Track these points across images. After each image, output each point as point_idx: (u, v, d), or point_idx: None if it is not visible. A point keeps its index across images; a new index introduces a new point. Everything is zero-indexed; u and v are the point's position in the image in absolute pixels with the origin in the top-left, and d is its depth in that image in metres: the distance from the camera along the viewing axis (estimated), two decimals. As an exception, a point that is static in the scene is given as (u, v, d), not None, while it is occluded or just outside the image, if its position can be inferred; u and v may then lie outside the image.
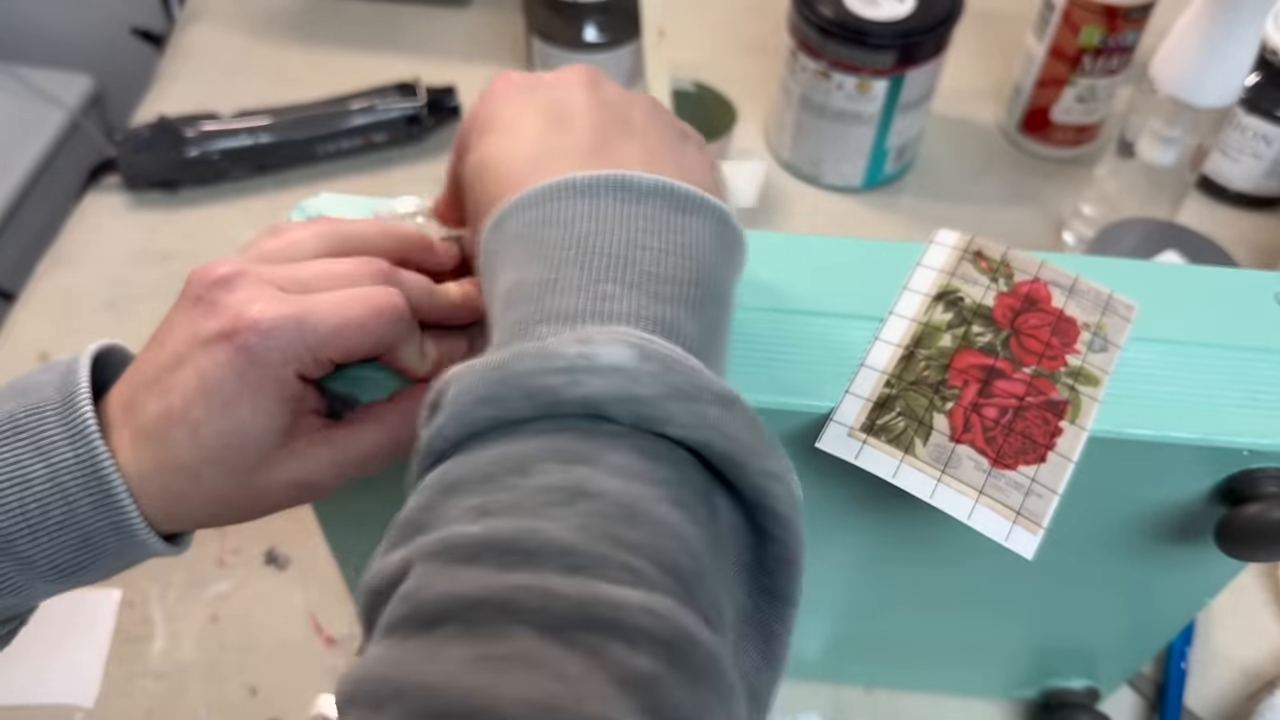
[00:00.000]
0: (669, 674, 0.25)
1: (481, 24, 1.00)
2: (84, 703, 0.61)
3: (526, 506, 0.27)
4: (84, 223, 0.85)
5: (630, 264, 0.32)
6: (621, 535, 0.27)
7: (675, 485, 0.29)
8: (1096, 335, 0.41)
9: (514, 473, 0.28)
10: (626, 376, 0.29)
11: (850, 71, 0.78)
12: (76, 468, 0.35)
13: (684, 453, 0.30)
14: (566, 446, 0.29)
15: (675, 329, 0.32)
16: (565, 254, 0.32)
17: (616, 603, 0.25)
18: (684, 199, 0.34)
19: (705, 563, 0.28)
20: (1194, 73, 0.67)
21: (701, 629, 0.26)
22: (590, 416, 0.29)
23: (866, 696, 0.63)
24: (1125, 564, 0.47)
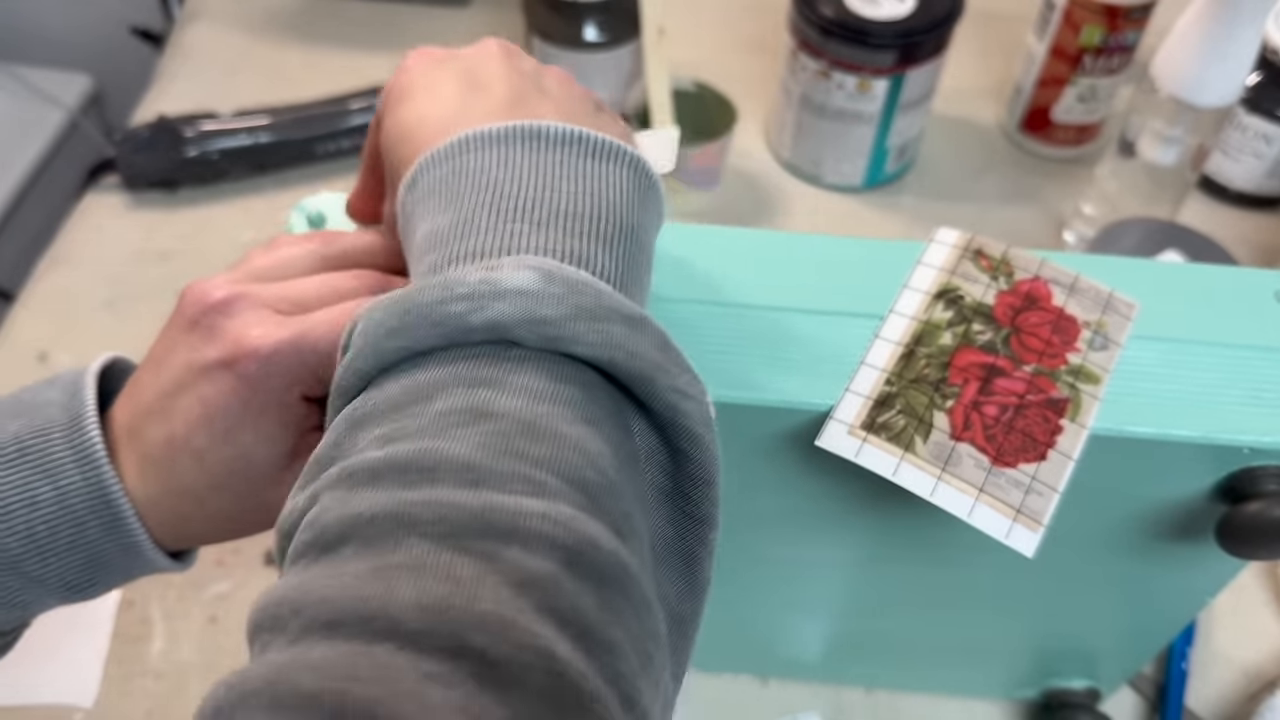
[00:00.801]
0: (568, 576, 0.25)
1: (481, 24, 1.00)
2: (83, 703, 0.61)
3: (429, 430, 0.27)
4: (83, 222, 0.85)
5: (541, 204, 0.32)
6: (524, 450, 0.27)
7: (582, 404, 0.29)
8: (1097, 333, 0.41)
9: (419, 400, 0.28)
10: (531, 298, 0.29)
11: (851, 71, 0.78)
12: (85, 491, 0.35)
13: (593, 373, 0.30)
14: (472, 372, 0.29)
15: (587, 260, 0.31)
16: (477, 199, 0.32)
17: (514, 510, 0.25)
18: (598, 146, 0.34)
19: (613, 477, 0.28)
20: (1195, 72, 0.67)
21: (608, 537, 0.26)
22: (499, 342, 0.29)
23: (867, 697, 0.63)
24: (1126, 562, 0.47)
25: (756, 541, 0.49)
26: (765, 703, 0.63)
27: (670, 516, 0.31)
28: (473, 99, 0.35)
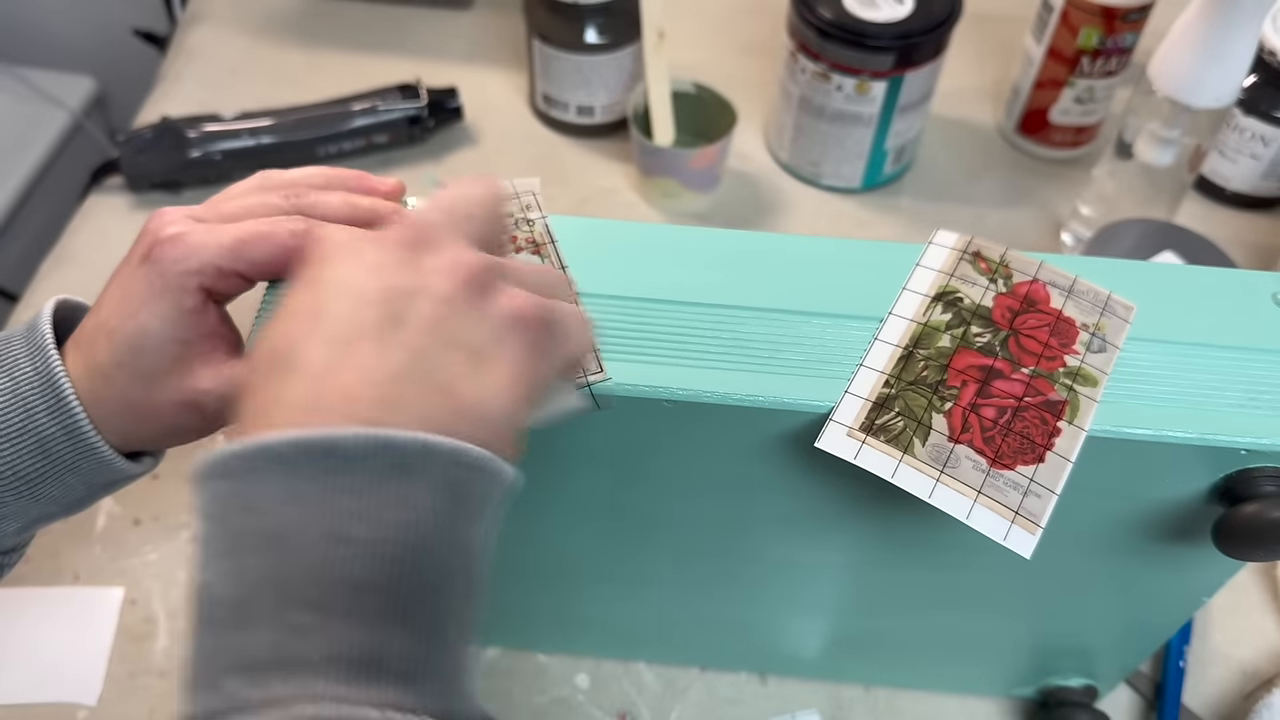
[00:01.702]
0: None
1: (483, 26, 1.00)
2: (87, 701, 0.62)
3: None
4: (86, 223, 0.85)
5: (329, 574, 0.29)
6: None
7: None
8: (1095, 336, 0.42)
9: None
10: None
11: (849, 73, 0.78)
12: (35, 379, 0.39)
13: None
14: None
15: (380, 657, 0.29)
16: (257, 562, 0.29)
17: None
18: (400, 455, 0.30)
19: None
20: (1192, 74, 0.68)
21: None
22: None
23: (866, 695, 0.64)
24: (1123, 563, 0.48)
25: (756, 542, 0.50)
26: (764, 700, 0.63)
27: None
28: (345, 351, 0.31)
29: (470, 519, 0.32)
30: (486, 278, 0.34)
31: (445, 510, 0.30)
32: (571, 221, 0.45)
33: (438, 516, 0.30)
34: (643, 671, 0.64)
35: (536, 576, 0.56)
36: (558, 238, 0.44)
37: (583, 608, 0.59)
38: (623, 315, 0.42)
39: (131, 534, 0.68)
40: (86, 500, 0.42)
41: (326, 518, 0.29)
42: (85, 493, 0.42)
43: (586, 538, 0.51)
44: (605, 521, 0.50)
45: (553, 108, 0.89)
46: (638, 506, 0.48)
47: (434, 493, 0.30)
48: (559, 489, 0.47)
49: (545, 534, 0.51)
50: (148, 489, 0.70)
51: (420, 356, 0.31)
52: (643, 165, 0.84)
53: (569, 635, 0.63)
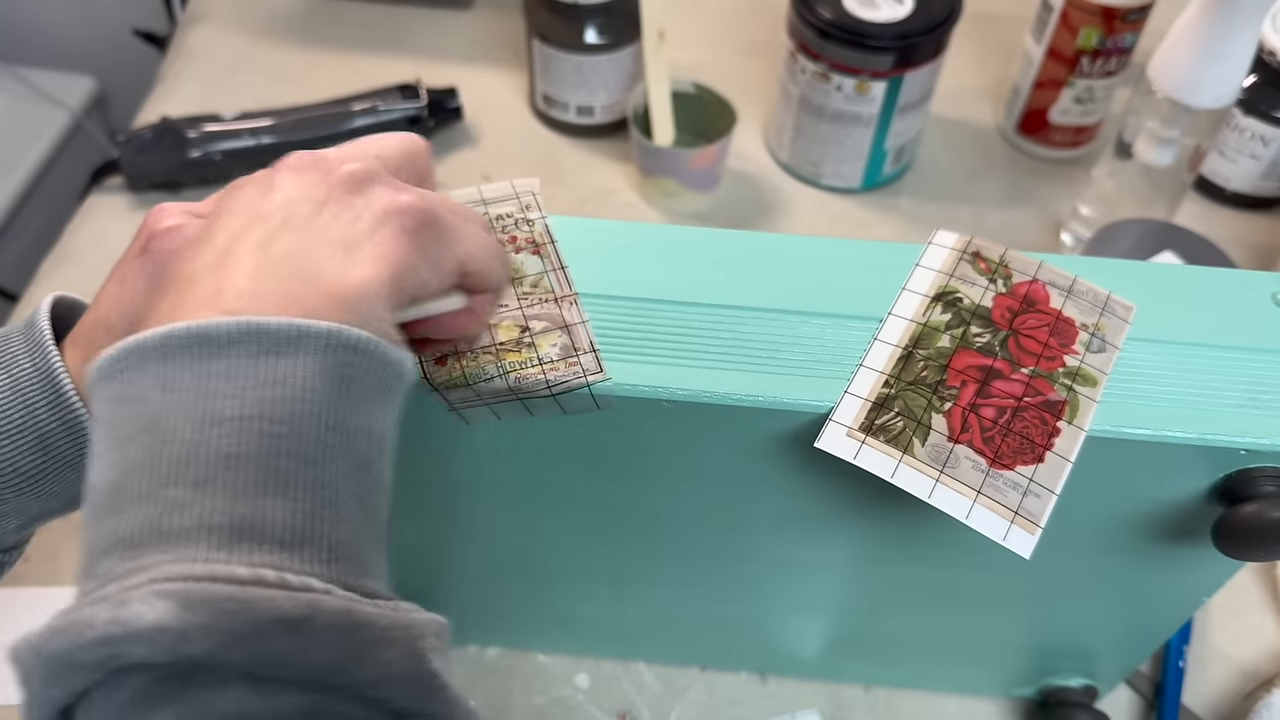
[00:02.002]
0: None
1: (483, 26, 1.00)
2: (87, 701, 0.62)
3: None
4: (86, 224, 0.85)
5: (202, 451, 0.29)
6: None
7: (293, 709, 0.27)
8: (1095, 336, 0.42)
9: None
10: (171, 635, 0.26)
11: (849, 73, 0.78)
12: (34, 375, 0.39)
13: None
14: (166, 714, 0.27)
15: (257, 525, 0.29)
16: (135, 449, 0.29)
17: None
18: (275, 338, 0.30)
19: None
20: (1192, 74, 0.68)
21: None
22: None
23: (866, 695, 0.64)
24: (1123, 563, 0.48)
25: (756, 542, 0.50)
26: (764, 700, 0.63)
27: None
28: (223, 257, 0.32)
29: (354, 400, 0.31)
30: (366, 177, 0.34)
31: (323, 389, 0.30)
32: (571, 221, 0.45)
33: (315, 394, 0.30)
34: (643, 671, 0.64)
35: (536, 576, 0.56)
36: (557, 238, 0.44)
37: (582, 607, 0.59)
38: (623, 315, 0.42)
39: (131, 534, 0.68)
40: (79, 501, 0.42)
41: (199, 401, 0.29)
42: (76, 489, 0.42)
43: (586, 538, 0.51)
44: (605, 521, 0.50)
45: (553, 108, 0.89)
46: (638, 506, 0.48)
47: (310, 372, 0.30)
48: (559, 489, 0.48)
49: (545, 534, 0.51)
50: (148, 489, 0.70)
51: (290, 253, 0.32)
52: (643, 165, 0.84)
53: (569, 635, 0.63)
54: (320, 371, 0.30)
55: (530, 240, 0.44)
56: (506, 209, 0.45)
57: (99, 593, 0.27)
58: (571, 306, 0.42)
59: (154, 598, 0.26)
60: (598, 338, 0.41)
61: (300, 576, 0.28)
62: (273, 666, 0.27)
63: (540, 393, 0.40)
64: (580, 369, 0.40)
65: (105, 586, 0.27)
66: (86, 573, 0.29)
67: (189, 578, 0.27)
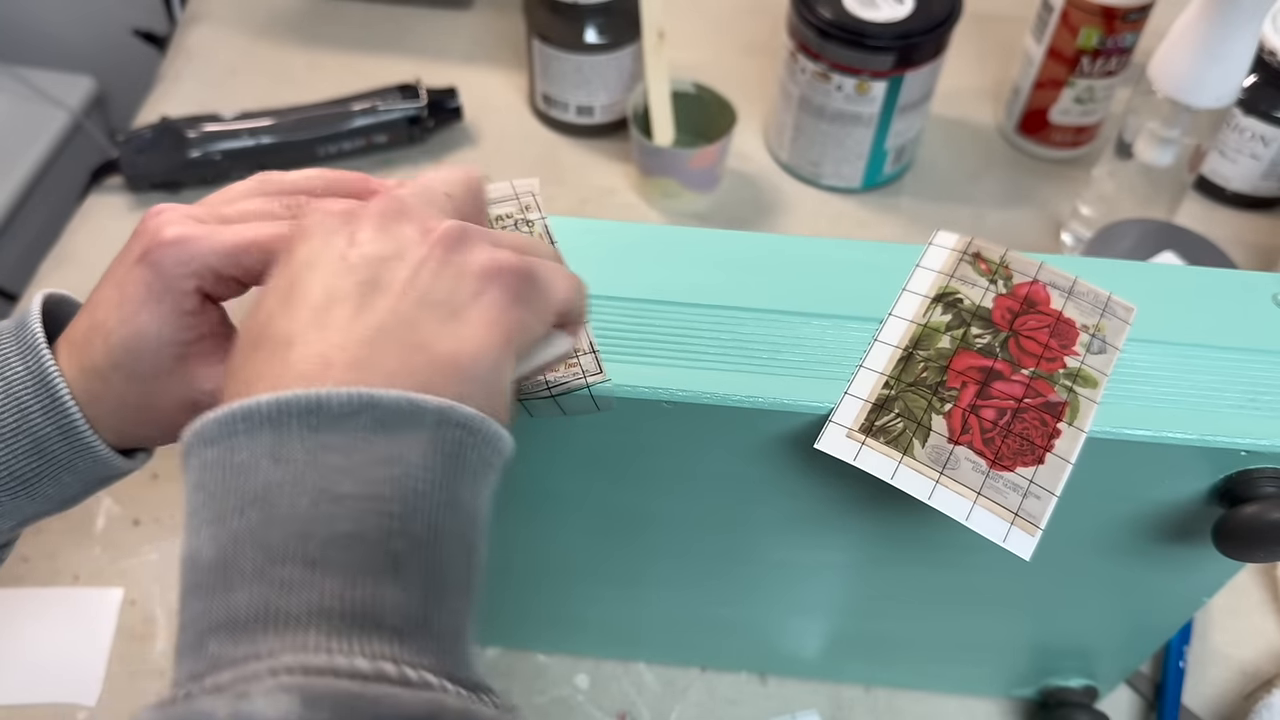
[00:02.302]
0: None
1: (483, 26, 1.00)
2: (86, 701, 0.62)
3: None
4: (86, 223, 0.85)
5: (316, 529, 0.28)
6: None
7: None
8: (1095, 337, 0.42)
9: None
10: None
11: (849, 73, 0.78)
12: (27, 378, 0.39)
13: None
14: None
15: (374, 611, 0.28)
16: (244, 523, 0.28)
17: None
18: (390, 413, 0.29)
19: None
20: (1192, 74, 0.68)
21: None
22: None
23: (866, 695, 0.64)
24: (1123, 564, 0.48)
25: (756, 542, 0.50)
26: (764, 700, 0.63)
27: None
28: (321, 319, 0.31)
29: (463, 480, 0.31)
30: (462, 236, 0.34)
31: (435, 467, 0.30)
32: (571, 222, 0.45)
33: (428, 473, 0.30)
34: (643, 671, 0.64)
35: (537, 577, 0.56)
36: (557, 238, 0.44)
37: (582, 608, 0.59)
38: (623, 315, 0.42)
39: (131, 534, 0.68)
40: (81, 496, 0.42)
41: (313, 475, 0.28)
42: (81, 489, 0.42)
43: (586, 538, 0.51)
44: (605, 522, 0.50)
45: (552, 108, 0.89)
46: (638, 507, 0.48)
47: (423, 450, 0.30)
48: (559, 490, 0.47)
49: (545, 534, 0.51)
50: (148, 489, 0.70)
51: (395, 317, 0.31)
52: (642, 165, 0.84)
53: (569, 635, 0.63)
54: (433, 449, 0.30)
55: (530, 241, 0.44)
56: (506, 209, 0.45)
57: (213, 679, 0.26)
58: (571, 307, 0.42)
59: (277, 691, 0.25)
60: (598, 338, 0.41)
61: (417, 671, 0.27)
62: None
63: (540, 394, 0.40)
64: (580, 370, 0.40)
65: (219, 673, 0.27)
66: (191, 650, 0.28)
67: (310, 670, 0.26)
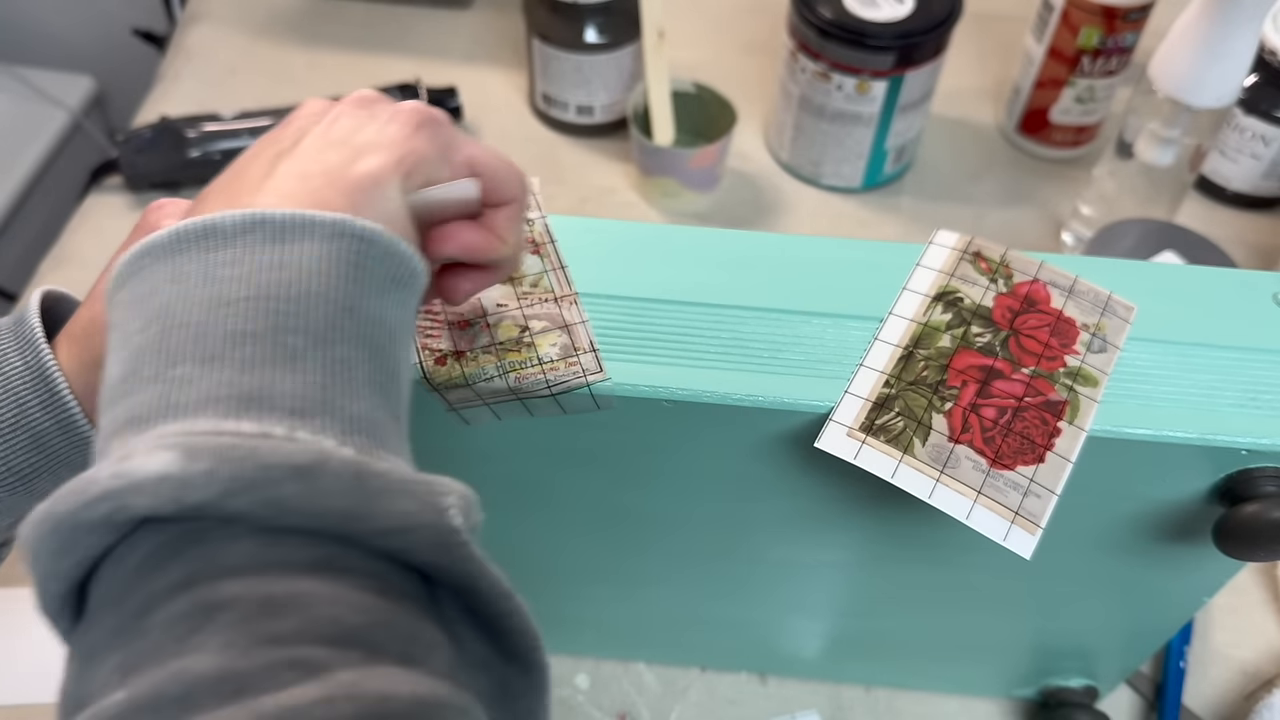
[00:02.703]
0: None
1: (483, 25, 1.00)
2: (87, 702, 0.62)
3: (165, 647, 0.25)
4: (86, 223, 0.85)
5: (210, 330, 0.29)
6: (273, 631, 0.25)
7: (305, 556, 0.27)
8: (1095, 336, 0.42)
9: (137, 616, 0.26)
10: (173, 484, 0.25)
11: (849, 73, 0.78)
12: (26, 373, 0.39)
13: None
14: (176, 571, 0.26)
15: (265, 395, 0.28)
16: (145, 338, 0.29)
17: (290, 707, 0.23)
18: (281, 227, 0.30)
19: (381, 611, 0.27)
20: (1192, 73, 0.68)
21: (400, 676, 0.25)
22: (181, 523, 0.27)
23: (866, 695, 0.64)
24: (1123, 563, 0.48)
25: (756, 541, 0.50)
26: (765, 700, 0.63)
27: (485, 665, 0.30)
28: (241, 170, 0.34)
29: (366, 288, 0.31)
30: (373, 97, 0.36)
31: (330, 273, 0.30)
32: (571, 221, 0.45)
33: (323, 278, 0.30)
34: (643, 671, 0.64)
35: (536, 576, 0.56)
36: (557, 237, 0.44)
37: (582, 608, 0.59)
38: (623, 315, 0.42)
39: (131, 534, 0.68)
40: None
41: (207, 287, 0.29)
42: None
43: (586, 537, 0.51)
44: (605, 521, 0.50)
45: (552, 107, 0.89)
46: (637, 506, 0.48)
47: (317, 256, 0.30)
48: (559, 489, 0.47)
49: (545, 534, 0.51)
50: (147, 489, 0.70)
51: (302, 154, 0.33)
52: (642, 165, 0.84)
53: (569, 635, 0.63)
54: (328, 256, 0.30)
55: (530, 240, 0.44)
56: None
57: (97, 467, 0.27)
58: (571, 306, 0.42)
59: (157, 449, 0.26)
60: (598, 337, 0.41)
61: (314, 436, 0.28)
62: (280, 515, 0.26)
63: (540, 393, 0.40)
64: (580, 369, 0.40)
65: (115, 465, 0.27)
66: (98, 454, 0.29)
67: (193, 433, 0.27)
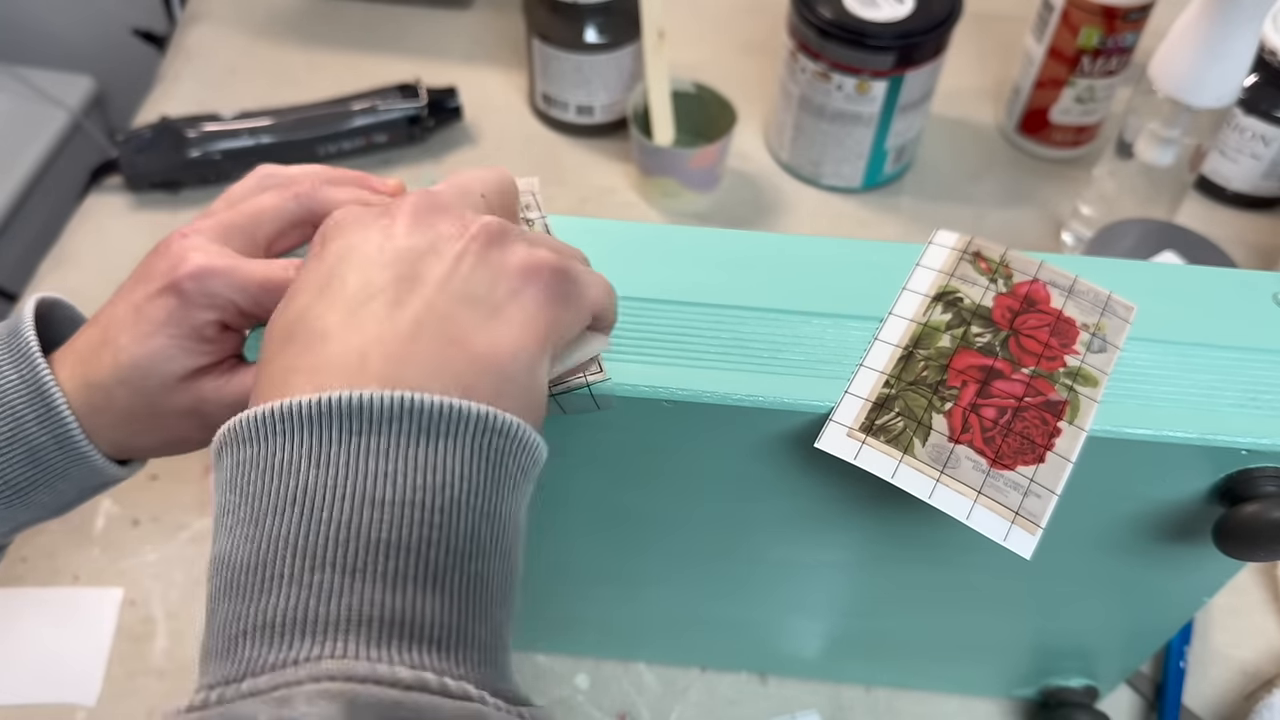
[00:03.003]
0: None
1: (483, 25, 1.00)
2: (86, 701, 0.62)
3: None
4: (86, 223, 0.85)
5: (356, 535, 0.28)
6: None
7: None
8: (1095, 336, 0.42)
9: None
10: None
11: (849, 73, 0.78)
12: (21, 387, 0.38)
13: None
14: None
15: (411, 621, 0.27)
16: (281, 524, 0.28)
17: None
18: (431, 419, 0.29)
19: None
20: (1192, 73, 0.68)
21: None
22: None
23: (866, 695, 0.64)
24: (1124, 563, 0.48)
25: (755, 542, 0.50)
26: (764, 700, 0.63)
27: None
28: (357, 312, 0.31)
29: (502, 489, 0.31)
30: (499, 232, 0.33)
31: (474, 476, 0.29)
32: (571, 221, 0.45)
33: (467, 482, 0.29)
34: (643, 671, 0.64)
35: (536, 577, 0.56)
36: (557, 237, 0.44)
37: (582, 608, 0.59)
38: (623, 315, 0.42)
39: (130, 535, 0.68)
40: (76, 503, 0.42)
41: (352, 479, 0.28)
42: (76, 496, 0.41)
43: (586, 538, 0.51)
44: (605, 521, 0.50)
45: (552, 107, 0.89)
46: (637, 506, 0.48)
47: (464, 458, 0.29)
48: (559, 489, 0.47)
49: (545, 534, 0.51)
50: (147, 490, 0.70)
51: (432, 312, 0.31)
52: (642, 165, 0.84)
53: (569, 635, 0.63)
54: (473, 457, 0.29)
55: (530, 240, 0.44)
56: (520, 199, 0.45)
57: (250, 683, 0.26)
58: (571, 306, 0.42)
59: (319, 698, 0.25)
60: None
61: (458, 682, 0.27)
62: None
63: (540, 393, 0.40)
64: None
65: (256, 677, 0.26)
66: (223, 653, 0.27)
67: (352, 677, 0.26)
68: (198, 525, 0.68)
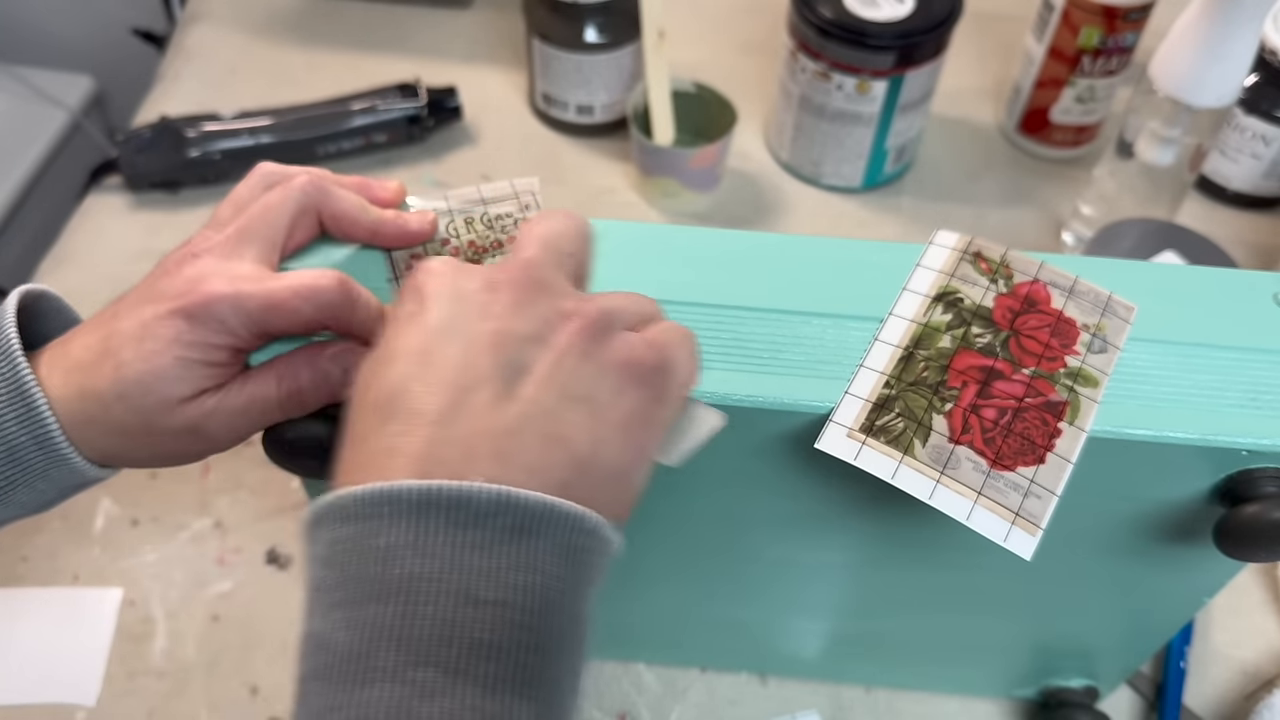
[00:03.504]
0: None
1: (482, 25, 1.00)
2: (85, 702, 0.62)
3: None
4: (85, 223, 0.85)
5: (457, 634, 0.28)
6: None
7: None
8: (1096, 336, 0.42)
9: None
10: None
11: (850, 72, 0.78)
12: (0, 386, 0.38)
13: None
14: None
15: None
16: (384, 614, 0.28)
17: None
18: (527, 516, 0.29)
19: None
20: (1193, 73, 0.68)
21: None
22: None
23: (866, 695, 0.64)
24: (1124, 564, 0.48)
25: (756, 542, 0.50)
26: (765, 701, 0.63)
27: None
28: (462, 399, 0.31)
29: (584, 588, 0.31)
30: (602, 326, 0.33)
31: (564, 576, 0.30)
32: (571, 221, 0.45)
33: (559, 582, 0.30)
34: (643, 672, 0.64)
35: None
36: None
37: (582, 608, 0.59)
38: (622, 315, 0.42)
39: (130, 535, 0.68)
40: (56, 501, 0.42)
41: (455, 573, 0.28)
42: (56, 495, 0.41)
43: (586, 538, 0.51)
44: (605, 522, 0.50)
45: (552, 107, 0.89)
46: (637, 507, 0.48)
47: (555, 557, 0.30)
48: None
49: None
50: (146, 489, 0.70)
51: (538, 408, 0.31)
52: (642, 165, 0.84)
53: (568, 636, 0.63)
54: (562, 557, 0.30)
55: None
56: (506, 208, 0.45)
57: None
58: (571, 307, 0.42)
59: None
60: None
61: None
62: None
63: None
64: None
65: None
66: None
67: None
68: (197, 525, 0.68)
